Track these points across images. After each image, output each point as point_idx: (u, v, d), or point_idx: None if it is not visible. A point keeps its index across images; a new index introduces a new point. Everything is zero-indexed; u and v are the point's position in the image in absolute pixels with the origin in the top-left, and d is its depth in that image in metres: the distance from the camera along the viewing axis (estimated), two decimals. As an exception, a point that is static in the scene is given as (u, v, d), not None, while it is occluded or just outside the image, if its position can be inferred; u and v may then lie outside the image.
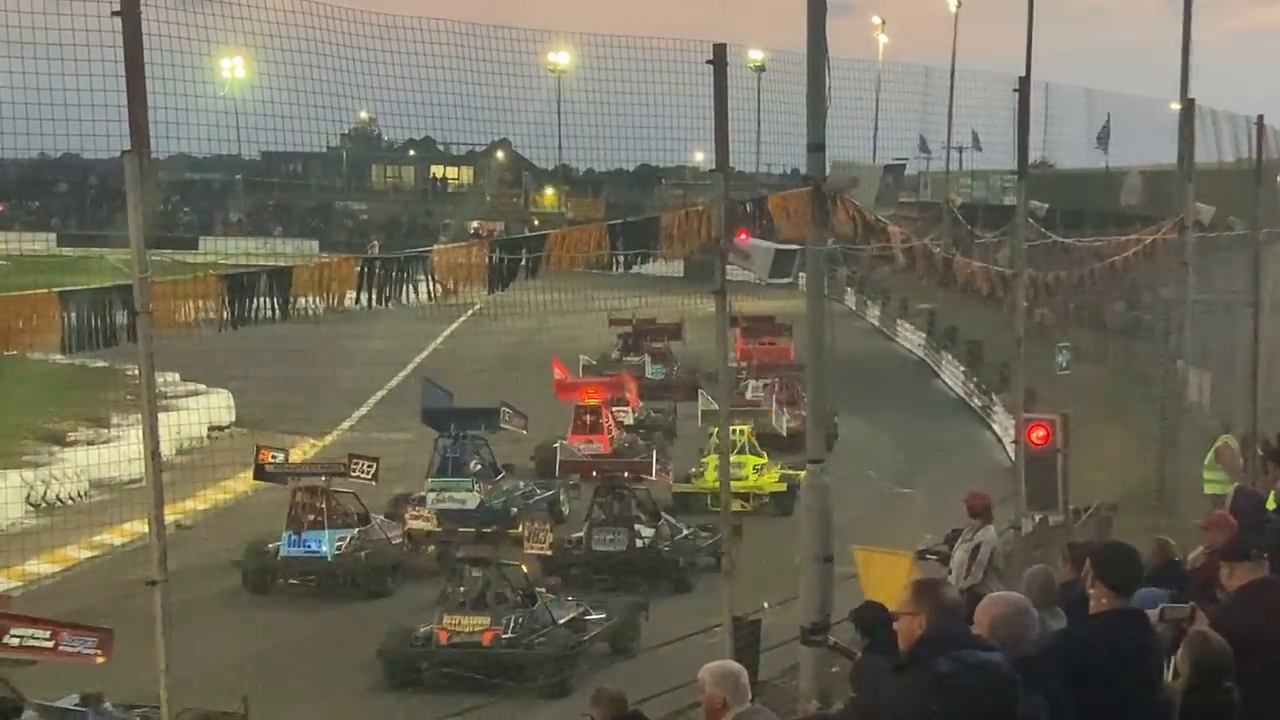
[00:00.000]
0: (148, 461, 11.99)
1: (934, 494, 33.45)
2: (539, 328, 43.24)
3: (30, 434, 37.32)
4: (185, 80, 17.74)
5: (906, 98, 58.89)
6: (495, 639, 21.96)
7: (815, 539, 16.65)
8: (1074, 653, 7.70)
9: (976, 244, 31.25)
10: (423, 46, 25.50)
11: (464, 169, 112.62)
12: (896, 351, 63.21)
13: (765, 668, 18.03)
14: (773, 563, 22.04)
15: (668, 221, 17.64)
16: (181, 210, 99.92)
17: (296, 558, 27.47)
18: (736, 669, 9.37)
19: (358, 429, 43.90)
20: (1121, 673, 7.68)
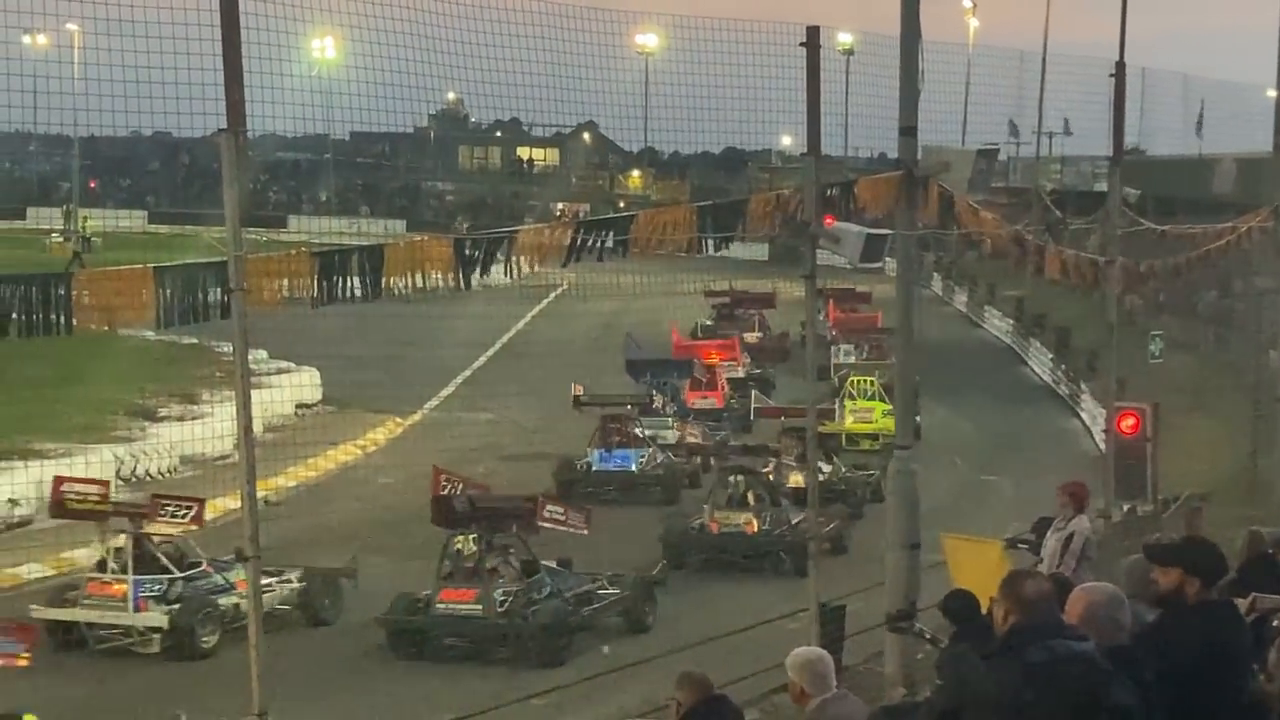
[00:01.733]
0: (241, 438, 12.06)
1: (1020, 482, 33.27)
2: (623, 309, 43.42)
3: (122, 409, 37.74)
4: (277, 60, 17.88)
5: (999, 82, 58.55)
6: (756, 530, 27.28)
7: (902, 526, 16.57)
8: (1166, 643, 7.64)
9: (1067, 230, 30.99)
10: (511, 28, 25.66)
11: (550, 150, 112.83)
12: (983, 338, 62.86)
13: (850, 653, 18.00)
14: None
15: (756, 204, 17.59)
16: (271, 189, 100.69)
17: (607, 471, 33.20)
18: (815, 657, 9.33)
19: (442, 408, 44.12)
20: (1213, 664, 7.62)
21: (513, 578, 22.68)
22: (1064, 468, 29.10)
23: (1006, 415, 44.23)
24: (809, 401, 18.91)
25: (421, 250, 14.54)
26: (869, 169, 42.49)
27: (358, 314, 28.52)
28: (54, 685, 19.09)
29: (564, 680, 20.11)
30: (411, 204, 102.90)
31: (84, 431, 34.65)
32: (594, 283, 27.31)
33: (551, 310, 55.05)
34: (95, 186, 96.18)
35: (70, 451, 32.03)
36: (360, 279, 13.69)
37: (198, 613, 22.42)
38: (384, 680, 21.32)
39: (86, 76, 21.89)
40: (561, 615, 22.44)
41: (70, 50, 28.04)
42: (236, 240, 11.87)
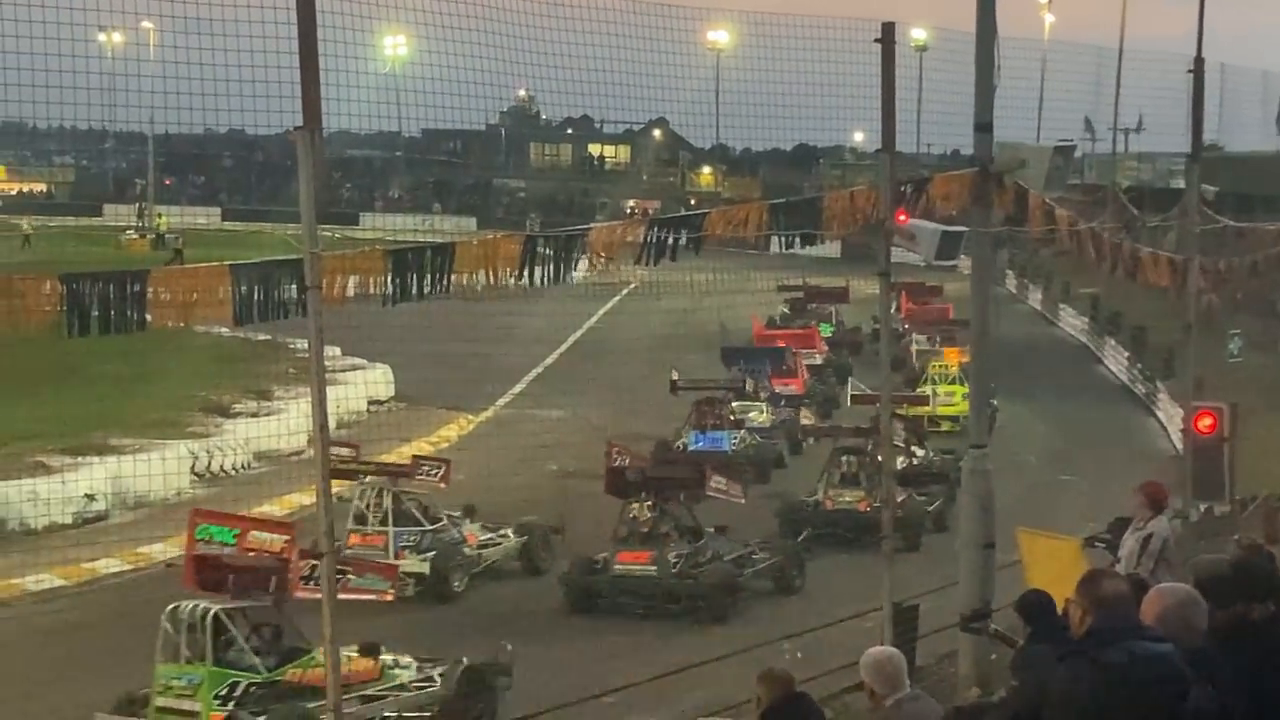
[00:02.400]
0: (316, 434, 12.10)
1: (1095, 482, 32.99)
2: (695, 307, 43.41)
3: (197, 405, 38.02)
4: (350, 58, 17.97)
5: (1075, 78, 58.10)
6: (868, 508, 27.34)
7: (976, 524, 16.46)
8: (1243, 645, 7.53)
9: (1144, 228, 30.73)
10: (582, 24, 25.63)
11: (621, 147, 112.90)
12: (1058, 336, 62.43)
13: (924, 653, 17.90)
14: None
15: (830, 202, 17.52)
16: (343, 186, 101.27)
17: (702, 451, 33.92)
18: (886, 658, 9.29)
19: (513, 406, 44.21)
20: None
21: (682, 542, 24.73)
22: (1140, 468, 28.89)
23: (1082, 414, 43.89)
24: (884, 391, 18.86)
25: (493, 247, 14.55)
26: (943, 166, 42.25)
27: (429, 311, 28.58)
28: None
29: (637, 676, 20.07)
30: (482, 201, 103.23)
31: (159, 427, 34.90)
32: (665, 280, 27.34)
33: (622, 308, 55.04)
34: (170, 184, 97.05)
35: (146, 447, 32.26)
36: (432, 276, 13.71)
37: (450, 560, 25.22)
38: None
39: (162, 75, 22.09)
40: (728, 576, 24.33)
41: (145, 48, 28.28)
42: (312, 237, 11.90)
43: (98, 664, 21.23)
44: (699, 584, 23.92)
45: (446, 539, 25.72)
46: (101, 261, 45.81)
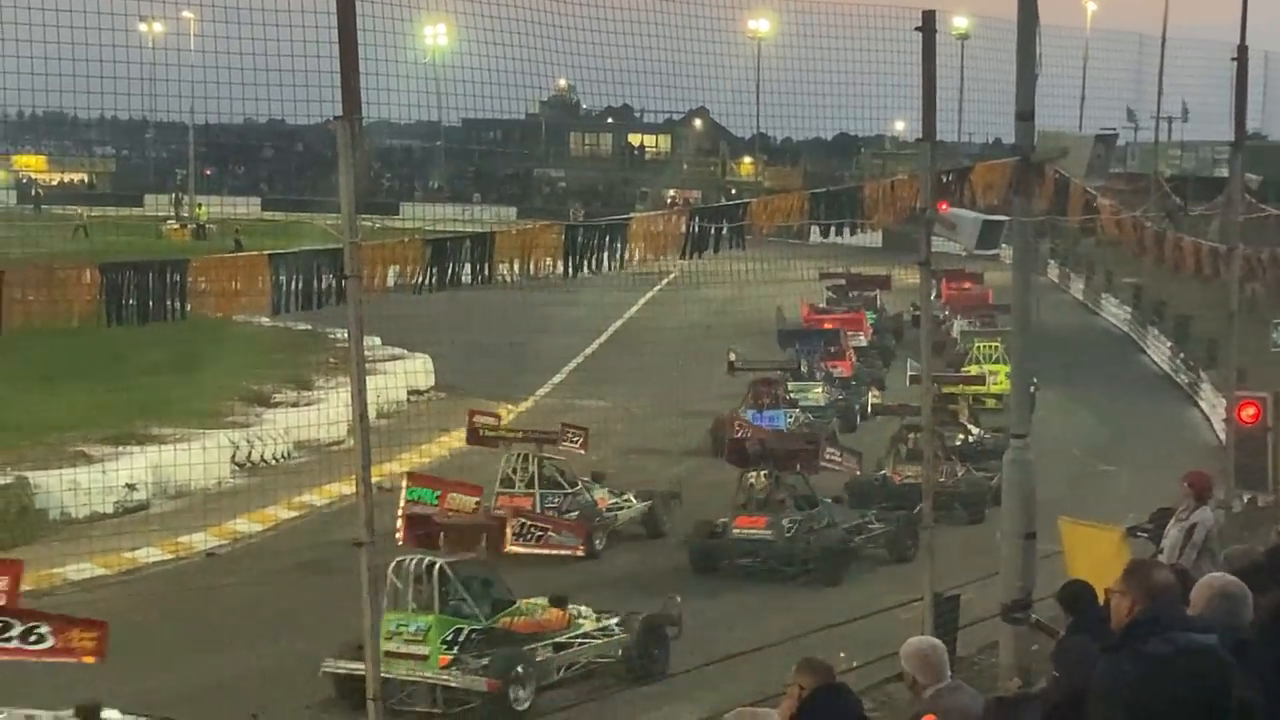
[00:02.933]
0: (356, 424, 12.09)
1: (1138, 472, 32.82)
2: (735, 296, 43.35)
3: (237, 395, 38.12)
4: (390, 47, 17.97)
5: (1117, 66, 57.75)
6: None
7: (1017, 515, 16.36)
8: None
9: (1187, 217, 30.54)
10: (622, 13, 25.56)
11: (661, 137, 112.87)
12: (1100, 326, 62.13)
13: (964, 644, 17.82)
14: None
15: (871, 191, 17.46)
16: (383, 176, 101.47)
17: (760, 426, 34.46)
18: (928, 647, 9.26)
19: (554, 395, 44.22)
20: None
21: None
22: (1183, 458, 28.68)
23: (1124, 404, 43.66)
24: (925, 377, 18.77)
25: (532, 237, 14.54)
26: (984, 154, 42.05)
27: (469, 301, 28.63)
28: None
29: (678, 666, 20.08)
30: (522, 191, 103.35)
31: (200, 417, 35.01)
32: (705, 270, 27.32)
33: (663, 297, 54.99)
34: (210, 174, 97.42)
35: (187, 437, 32.38)
36: (471, 265, 13.71)
37: (593, 521, 27.05)
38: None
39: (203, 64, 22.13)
40: (840, 541, 25.83)
41: (186, 37, 28.36)
42: (352, 227, 11.89)
43: (136, 652, 21.34)
44: (811, 548, 25.39)
45: (585, 501, 27.68)
46: (144, 252, 46.05)
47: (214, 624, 22.88)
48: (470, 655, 18.86)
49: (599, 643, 20.08)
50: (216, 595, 24.62)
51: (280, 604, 23.86)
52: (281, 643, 21.60)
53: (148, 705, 18.84)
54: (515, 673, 18.71)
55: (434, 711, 18.82)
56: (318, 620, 21.37)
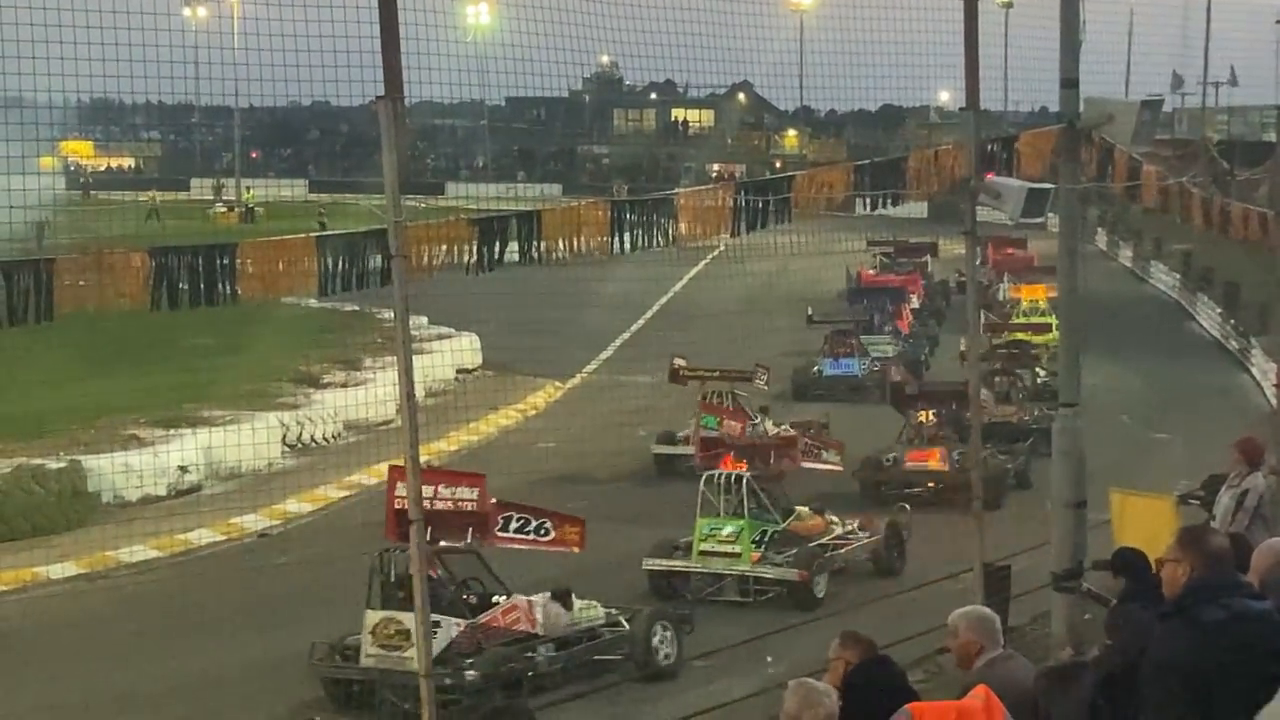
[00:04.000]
0: (403, 403, 12.13)
1: (1189, 439, 32.62)
2: (781, 270, 43.33)
3: (286, 376, 38.29)
4: (433, 26, 17.94)
5: (1162, 31, 57.25)
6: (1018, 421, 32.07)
7: (1067, 483, 16.34)
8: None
9: (1234, 182, 30.31)
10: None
11: (705, 112, 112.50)
12: (1149, 293, 61.73)
13: (1015, 614, 17.79)
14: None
15: (915, 161, 17.41)
16: (428, 156, 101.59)
17: (836, 375, 39.69)
18: (989, 614, 9.24)
19: (601, 372, 44.26)
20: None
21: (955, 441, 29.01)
22: (1234, 424, 28.47)
23: (1174, 372, 43.42)
24: (971, 351, 18.73)
25: (579, 215, 14.54)
26: (1030, 123, 41.81)
27: (517, 279, 28.68)
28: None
29: (733, 639, 20.11)
30: (567, 168, 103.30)
31: (250, 398, 35.20)
32: (751, 243, 27.31)
33: (709, 272, 54.94)
34: (256, 157, 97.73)
35: (237, 418, 32.56)
36: (519, 244, 13.72)
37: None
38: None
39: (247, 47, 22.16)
40: (999, 470, 27.97)
41: (229, 21, 28.46)
42: (396, 207, 11.91)
43: (196, 631, 21.53)
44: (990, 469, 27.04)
45: (760, 430, 30.81)
46: (191, 235, 46.24)
47: (269, 603, 23.04)
48: (774, 551, 22.52)
49: (856, 545, 23.63)
50: (271, 574, 24.80)
51: (334, 582, 23.97)
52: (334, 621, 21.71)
53: (211, 681, 19.12)
54: (817, 565, 22.23)
55: (744, 601, 22.19)
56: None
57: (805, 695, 7.19)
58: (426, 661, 12.13)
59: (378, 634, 18.16)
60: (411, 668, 16.20)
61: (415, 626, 12.38)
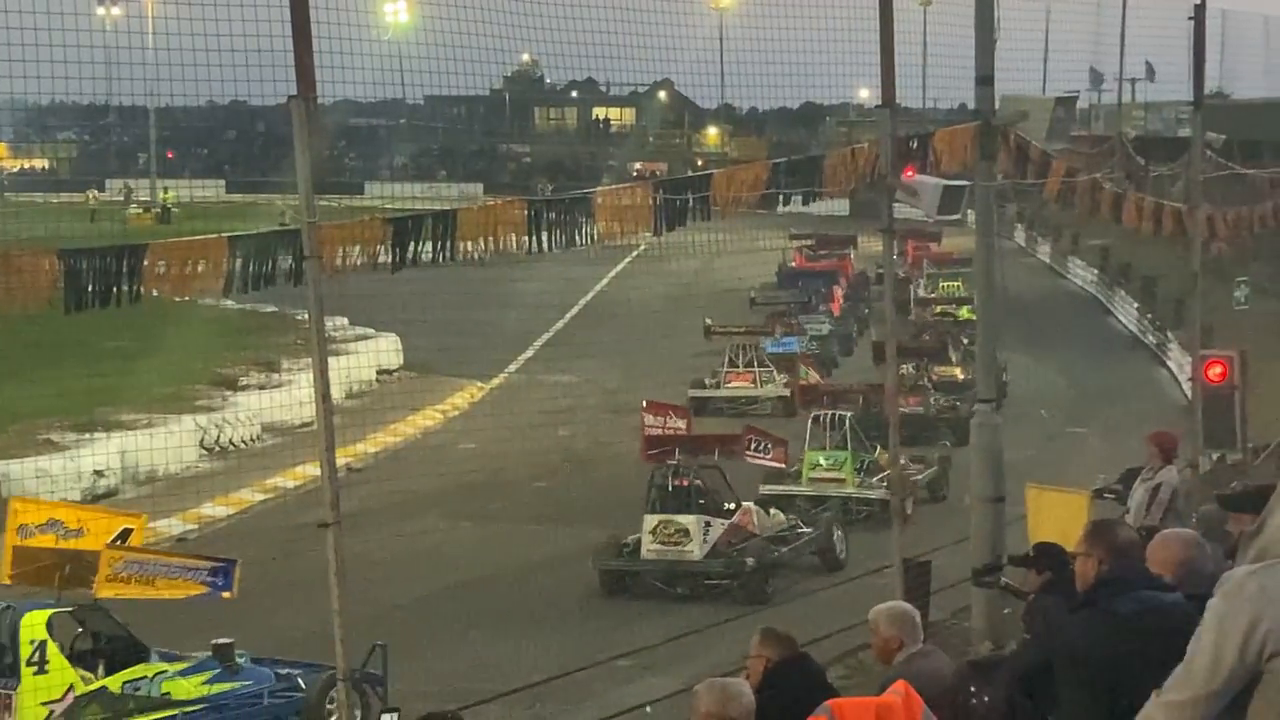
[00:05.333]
0: (318, 405, 12.01)
1: (1107, 434, 32.93)
2: (703, 268, 43.43)
3: (203, 379, 37.98)
4: (350, 25, 17.83)
5: (1077, 27, 57.83)
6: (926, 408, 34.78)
7: (986, 479, 16.44)
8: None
9: (1151, 178, 30.54)
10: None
11: (626, 110, 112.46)
12: (1068, 289, 62.30)
13: (936, 609, 17.87)
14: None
15: (833, 159, 17.41)
16: (347, 156, 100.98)
17: (778, 352, 41.54)
18: (910, 609, 9.26)
19: (523, 371, 44.17)
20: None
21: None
22: (1152, 418, 28.79)
23: (1092, 366, 43.82)
24: (889, 345, 18.77)
25: (496, 214, 14.45)
26: (949, 120, 41.99)
27: (437, 279, 28.53)
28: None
29: (650, 640, 20.09)
30: (488, 167, 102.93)
31: (166, 402, 34.89)
32: (673, 242, 27.35)
33: (631, 271, 54.99)
34: (172, 157, 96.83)
35: (154, 422, 32.26)
36: (435, 244, 13.61)
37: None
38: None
39: (161, 46, 21.97)
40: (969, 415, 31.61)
41: (144, 20, 28.13)
42: (309, 207, 11.80)
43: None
44: (954, 420, 32.38)
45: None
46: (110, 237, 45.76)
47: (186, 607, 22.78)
48: (872, 479, 27.18)
49: (927, 472, 28.65)
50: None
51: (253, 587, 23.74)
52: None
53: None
54: (905, 488, 23.47)
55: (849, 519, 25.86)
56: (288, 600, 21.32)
57: (721, 692, 7.15)
58: (344, 664, 12.01)
59: (657, 533, 23.36)
60: (689, 559, 23.18)
61: (334, 622, 12.24)
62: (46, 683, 16.05)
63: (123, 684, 16.59)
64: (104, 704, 16.35)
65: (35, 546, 16.54)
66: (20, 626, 16.08)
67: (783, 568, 23.94)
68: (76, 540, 16.60)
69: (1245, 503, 7.86)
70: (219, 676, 17.09)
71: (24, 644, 16.05)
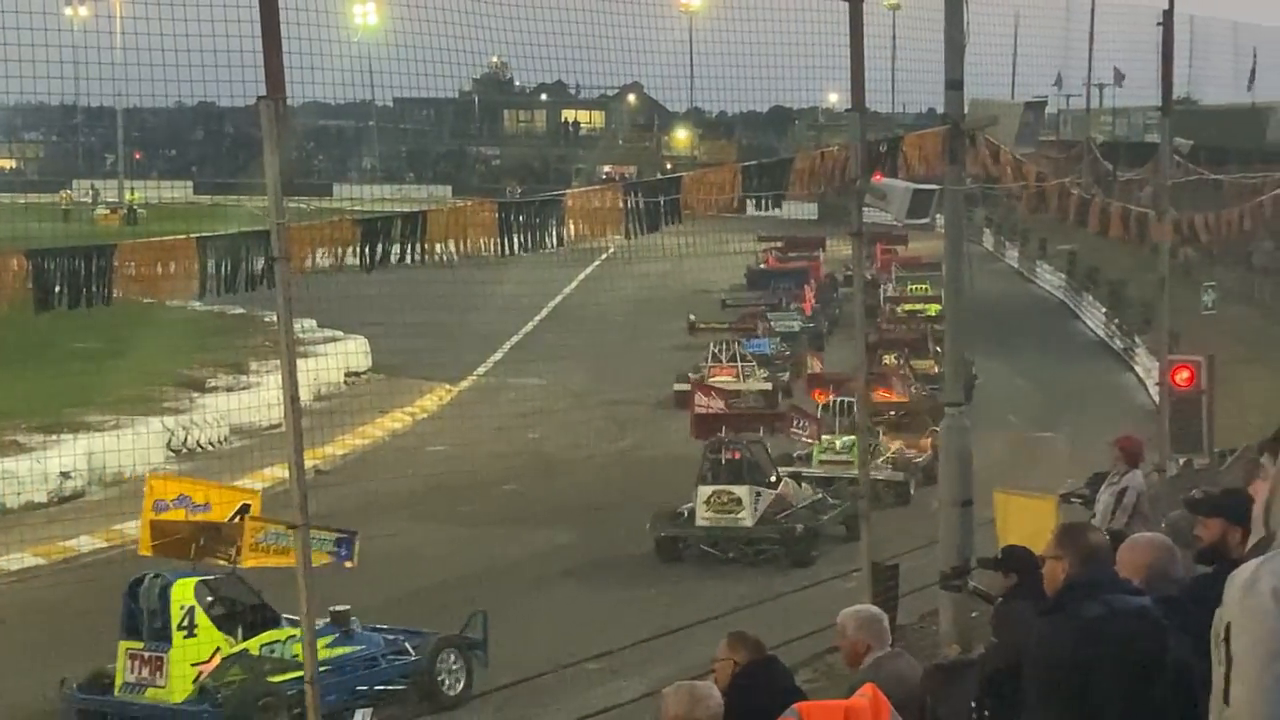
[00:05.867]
0: (287, 407, 12.00)
1: (1075, 438, 33.02)
2: (672, 271, 43.50)
3: (171, 380, 37.84)
4: (319, 27, 17.78)
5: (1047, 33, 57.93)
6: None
7: (954, 483, 16.44)
8: (1216, 597, 7.44)
9: (1119, 182, 30.68)
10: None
11: (596, 113, 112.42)
12: (1036, 293, 62.44)
13: (904, 612, 17.90)
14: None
15: (802, 162, 17.43)
16: (316, 157, 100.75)
17: (751, 352, 41.43)
18: (878, 613, 9.26)
19: (493, 374, 44.12)
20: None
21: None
22: (1119, 423, 28.85)
23: (1060, 371, 43.94)
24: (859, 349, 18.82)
25: (465, 215, 14.44)
26: (919, 124, 42.13)
27: (406, 281, 28.49)
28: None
29: (618, 644, 20.09)
30: (457, 169, 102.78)
31: (134, 403, 34.75)
32: (642, 245, 27.39)
33: (600, 274, 55.01)
34: (140, 158, 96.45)
35: (121, 423, 32.13)
36: (402, 245, 13.60)
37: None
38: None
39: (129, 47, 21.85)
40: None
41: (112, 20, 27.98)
42: (278, 209, 11.79)
43: (76, 641, 21.18)
44: (930, 407, 31.30)
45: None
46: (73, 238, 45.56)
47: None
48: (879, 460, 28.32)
49: (925, 457, 29.15)
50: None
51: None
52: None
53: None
54: (910, 468, 28.53)
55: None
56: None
57: (690, 694, 7.15)
58: (312, 669, 12.00)
59: (711, 502, 25.58)
60: (741, 525, 25.42)
61: (304, 626, 12.22)
62: (195, 645, 17.51)
63: (260, 647, 17.98)
64: (245, 666, 17.74)
65: (170, 520, 18.03)
66: (171, 593, 17.46)
67: (820, 535, 25.81)
68: (204, 514, 18.15)
69: (1212, 507, 7.88)
70: (338, 640, 18.42)
71: (174, 609, 17.46)
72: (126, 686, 17.66)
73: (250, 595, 18.18)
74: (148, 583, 17.72)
